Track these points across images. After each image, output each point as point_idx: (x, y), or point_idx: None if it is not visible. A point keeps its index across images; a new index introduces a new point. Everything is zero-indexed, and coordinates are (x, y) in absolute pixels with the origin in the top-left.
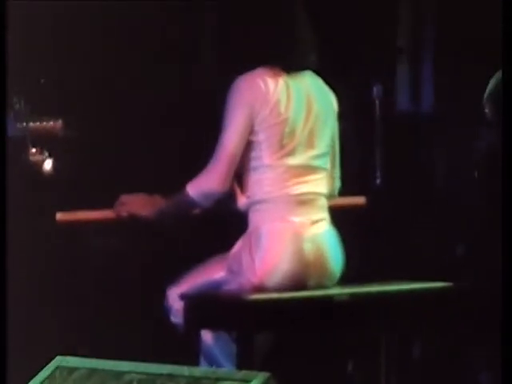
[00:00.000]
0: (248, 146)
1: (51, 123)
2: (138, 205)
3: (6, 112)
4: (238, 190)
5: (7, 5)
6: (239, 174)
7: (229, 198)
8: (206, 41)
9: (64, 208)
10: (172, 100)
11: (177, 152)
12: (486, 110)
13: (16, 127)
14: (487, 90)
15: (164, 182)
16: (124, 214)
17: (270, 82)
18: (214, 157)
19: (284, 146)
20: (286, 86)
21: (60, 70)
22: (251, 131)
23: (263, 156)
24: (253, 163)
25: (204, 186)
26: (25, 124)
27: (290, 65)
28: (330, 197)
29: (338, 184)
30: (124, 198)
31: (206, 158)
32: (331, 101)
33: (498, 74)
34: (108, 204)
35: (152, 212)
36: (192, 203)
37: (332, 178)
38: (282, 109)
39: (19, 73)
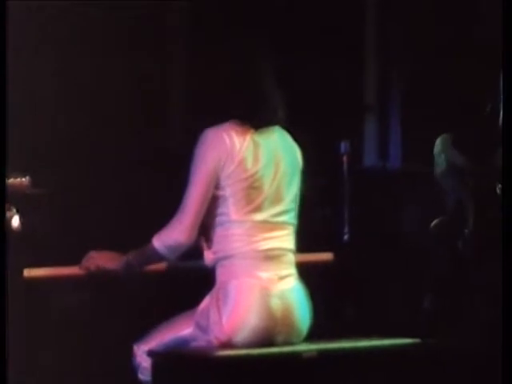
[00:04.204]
0: (214, 201)
1: (19, 180)
2: (105, 258)
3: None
4: (204, 246)
5: None
6: (205, 230)
7: (196, 253)
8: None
9: (31, 264)
10: (140, 158)
11: (147, 208)
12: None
13: None
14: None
15: (133, 238)
16: (92, 268)
17: (237, 137)
18: (179, 210)
19: (251, 202)
20: (253, 142)
21: (27, 126)
22: (217, 185)
23: (230, 212)
24: (219, 219)
25: (169, 239)
26: None
27: (257, 121)
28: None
29: None
30: (92, 253)
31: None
32: (297, 156)
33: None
34: (76, 260)
35: (119, 265)
36: (157, 255)
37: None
38: (249, 165)
39: None
